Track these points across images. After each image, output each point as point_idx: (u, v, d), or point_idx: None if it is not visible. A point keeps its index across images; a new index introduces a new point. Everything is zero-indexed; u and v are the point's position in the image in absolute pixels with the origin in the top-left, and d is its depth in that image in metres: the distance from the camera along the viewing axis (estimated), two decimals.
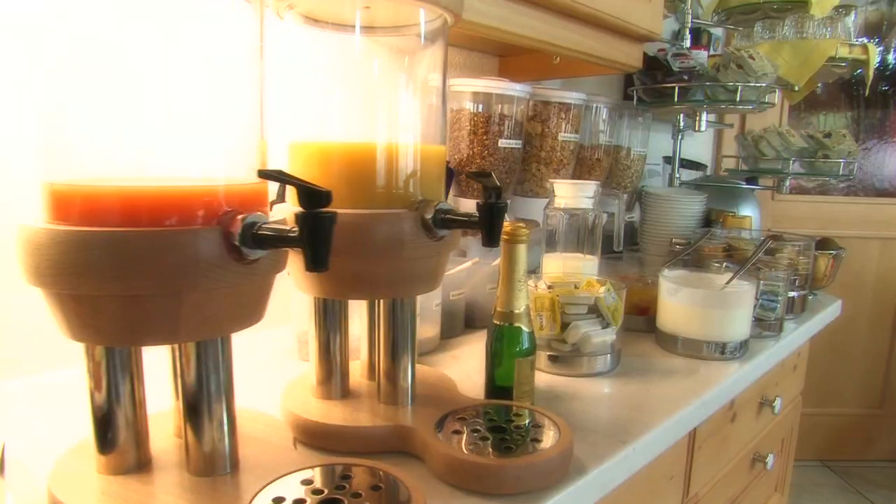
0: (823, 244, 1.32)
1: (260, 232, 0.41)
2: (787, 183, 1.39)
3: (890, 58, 2.25)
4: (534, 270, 1.02)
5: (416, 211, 0.55)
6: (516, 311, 0.65)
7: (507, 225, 0.66)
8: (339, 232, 0.56)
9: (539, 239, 0.96)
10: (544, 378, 0.78)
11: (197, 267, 0.41)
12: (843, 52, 1.25)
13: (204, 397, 0.47)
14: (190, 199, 0.42)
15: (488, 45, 1.17)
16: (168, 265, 0.40)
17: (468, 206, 1.08)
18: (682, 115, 1.46)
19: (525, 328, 0.65)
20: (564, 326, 0.78)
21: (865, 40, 1.26)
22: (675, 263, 1.06)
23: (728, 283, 0.89)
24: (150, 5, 0.42)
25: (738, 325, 0.88)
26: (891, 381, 2.39)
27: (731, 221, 1.32)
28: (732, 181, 1.60)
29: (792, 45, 1.25)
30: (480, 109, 1.04)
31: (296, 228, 0.39)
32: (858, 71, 1.36)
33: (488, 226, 0.52)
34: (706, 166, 1.72)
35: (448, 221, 0.55)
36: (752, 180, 1.59)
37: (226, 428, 0.49)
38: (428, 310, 0.87)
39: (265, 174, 0.39)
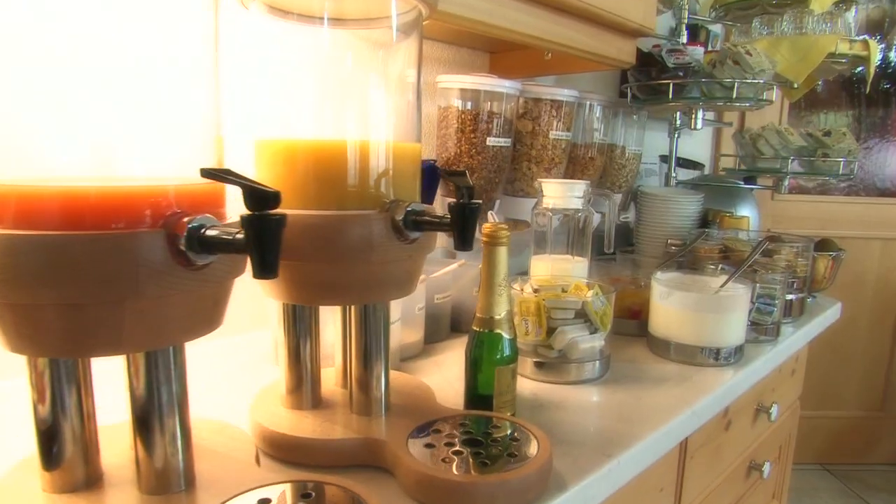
0: (823, 245, 1.29)
1: (206, 235, 0.38)
2: (786, 182, 1.35)
3: (892, 55, 2.21)
4: (525, 273, 0.99)
5: (386, 212, 0.52)
6: (496, 317, 0.62)
7: (487, 226, 0.63)
8: (305, 235, 0.53)
9: (529, 240, 0.94)
10: (530, 385, 0.75)
11: (139, 273, 0.38)
12: (844, 48, 1.22)
13: (155, 410, 0.44)
14: (134, 200, 0.39)
15: (478, 40, 1.14)
16: (108, 272, 0.37)
17: None
18: (678, 113, 1.43)
19: (506, 335, 0.62)
20: (551, 332, 0.75)
21: (867, 37, 1.23)
22: (669, 265, 1.02)
23: (722, 286, 0.86)
24: None
25: (733, 329, 0.85)
26: (892, 384, 2.35)
27: (728, 222, 1.29)
28: (731, 181, 1.57)
29: (791, 40, 1.21)
30: (468, 107, 1.01)
31: (242, 232, 0.36)
32: (860, 69, 1.32)
33: (460, 227, 0.49)
34: (703, 165, 1.69)
35: (419, 223, 0.51)
36: (750, 180, 1.56)
37: (179, 442, 0.46)
38: (410, 314, 0.84)
39: (208, 173, 0.36)
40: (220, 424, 0.57)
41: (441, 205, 1.08)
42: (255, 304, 0.88)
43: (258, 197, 0.35)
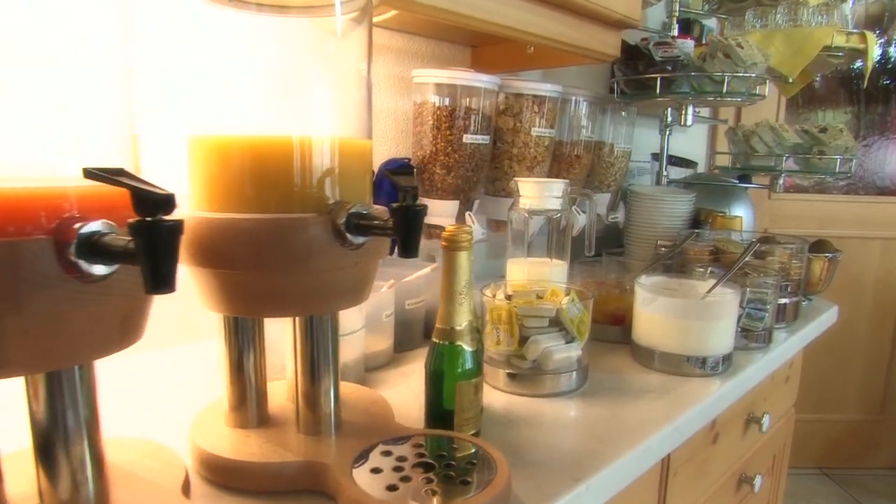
0: (818, 246, 1.24)
1: (99, 243, 0.34)
2: (781, 181, 1.31)
3: (892, 51, 2.16)
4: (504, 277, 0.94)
5: (327, 215, 0.48)
6: (457, 328, 0.57)
7: (449, 229, 0.58)
8: (239, 241, 0.48)
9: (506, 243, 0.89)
10: (502, 399, 0.70)
11: (19, 286, 0.33)
12: (840, 40, 1.17)
13: (59, 436, 0.40)
14: (25, 203, 0.35)
15: (457, 34, 1.10)
16: None
17: (438, 209, 1.00)
18: (669, 110, 1.38)
19: (467, 347, 0.57)
20: (524, 341, 0.71)
21: (864, 30, 1.18)
22: (656, 268, 0.98)
23: (709, 291, 0.81)
24: None
25: (721, 337, 0.80)
26: (892, 386, 2.30)
27: (721, 222, 1.24)
28: (725, 179, 1.52)
29: (785, 33, 1.16)
30: (444, 102, 0.96)
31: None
32: (858, 65, 1.27)
33: (403, 233, 0.44)
34: (696, 163, 1.64)
35: (362, 227, 0.47)
36: (745, 178, 1.51)
37: (90, 470, 0.41)
38: (377, 321, 0.79)
39: (91, 173, 0.32)
40: (154, 447, 0.52)
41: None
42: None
43: (146, 201, 0.30)
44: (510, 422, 0.64)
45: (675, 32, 1.31)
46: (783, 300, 1.04)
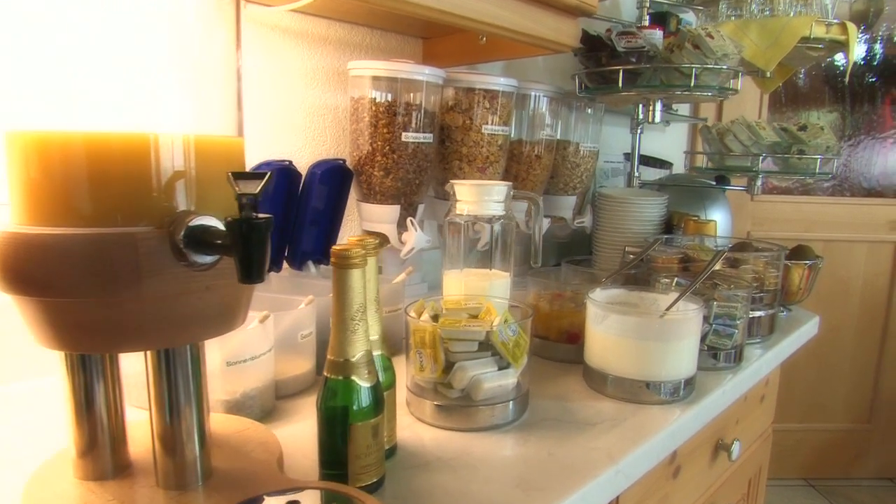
0: (798, 253, 1.15)
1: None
2: (760, 182, 1.22)
3: (877, 47, 2.08)
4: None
5: (164, 229, 0.38)
6: (351, 360, 0.48)
7: (350, 240, 0.49)
8: (49, 261, 0.39)
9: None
10: (428, 434, 0.61)
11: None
12: (819, 31, 1.09)
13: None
14: None
15: (402, 23, 1.00)
16: None
17: (377, 214, 0.91)
18: (640, 106, 1.29)
19: (363, 382, 0.48)
20: (451, 367, 0.61)
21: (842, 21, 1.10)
22: (616, 280, 0.89)
23: (668, 308, 0.72)
24: None
25: (682, 360, 0.71)
26: (880, 394, 2.23)
27: (693, 227, 1.16)
28: (702, 180, 1.44)
29: (760, 23, 1.08)
30: (383, 97, 0.87)
31: None
32: (840, 62, 1.19)
33: (240, 252, 0.35)
34: (671, 164, 1.55)
35: (203, 244, 0.37)
36: (723, 179, 1.43)
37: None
38: (291, 341, 0.70)
39: None
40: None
41: (363, 213, 0.94)
42: None
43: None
44: (426, 464, 0.55)
45: (647, 24, 1.23)
46: (758, 312, 0.95)
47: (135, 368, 0.58)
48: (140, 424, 0.51)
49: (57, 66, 0.42)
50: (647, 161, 1.51)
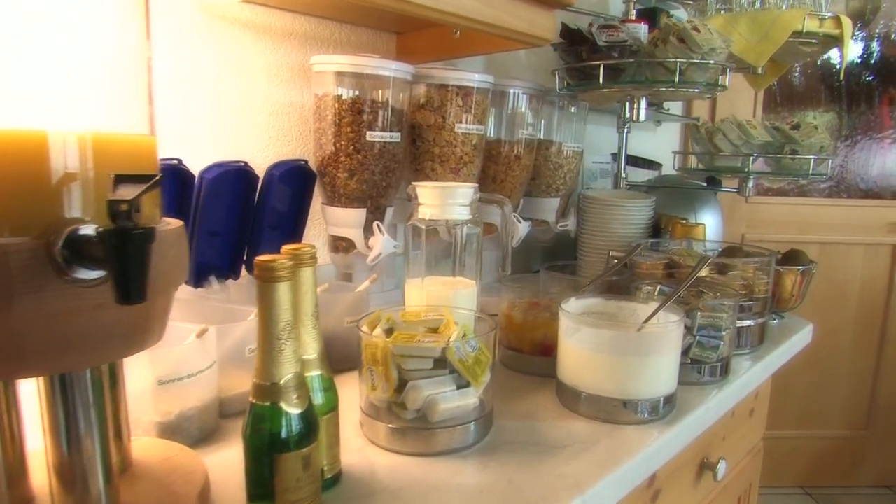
0: (791, 257, 1.10)
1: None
2: (751, 184, 1.17)
3: (874, 45, 2.03)
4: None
5: (42, 240, 0.33)
6: (279, 383, 0.43)
7: (288, 249, 0.44)
8: None
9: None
10: (381, 460, 0.56)
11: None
12: (812, 25, 1.04)
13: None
14: None
15: (371, 16, 0.95)
16: None
17: (343, 218, 0.86)
18: (627, 104, 1.25)
19: (291, 408, 0.43)
20: (404, 386, 0.56)
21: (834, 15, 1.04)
22: (598, 287, 0.84)
23: (647, 320, 0.67)
24: None
25: (661, 376, 0.66)
26: (877, 400, 2.18)
27: (681, 230, 1.11)
28: (693, 182, 1.39)
29: (750, 17, 1.03)
30: (347, 94, 0.82)
31: None
32: (836, 61, 1.14)
33: (116, 267, 0.29)
34: (660, 164, 1.50)
35: (80, 257, 0.32)
36: (714, 181, 1.38)
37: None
38: (237, 356, 0.64)
39: None
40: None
41: (328, 217, 0.89)
42: None
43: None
44: (371, 494, 0.50)
45: (634, 18, 1.18)
46: (747, 322, 0.90)
47: None
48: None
49: None
50: (636, 162, 1.46)
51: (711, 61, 0.92)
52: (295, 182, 0.84)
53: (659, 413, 0.66)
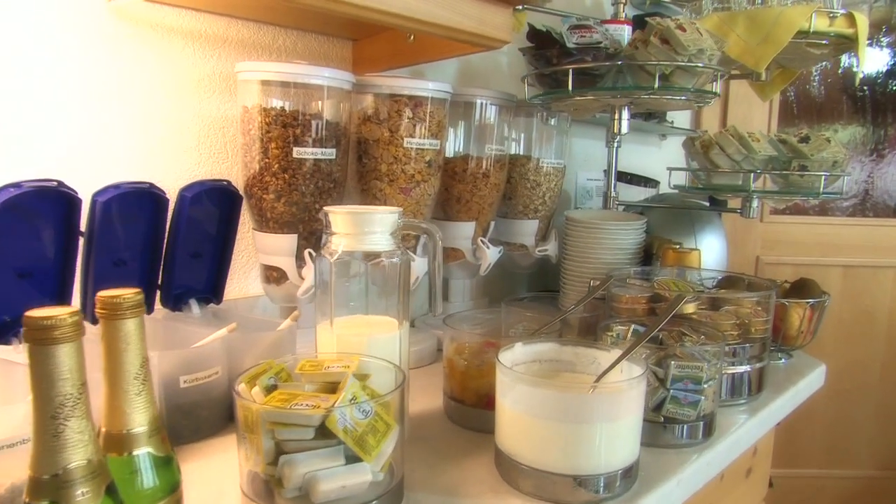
0: (800, 289, 0.97)
1: None
2: (755, 204, 1.04)
3: None
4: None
5: None
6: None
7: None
8: None
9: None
10: None
11: None
12: (822, 24, 0.91)
13: None
14: None
15: (323, 22, 0.86)
16: None
17: (271, 245, 0.77)
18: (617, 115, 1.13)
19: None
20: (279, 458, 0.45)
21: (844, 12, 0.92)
22: (555, 327, 0.72)
23: (599, 379, 0.55)
24: None
25: (619, 445, 0.54)
26: None
27: (673, 257, 0.98)
28: (695, 201, 1.26)
29: (748, 15, 0.91)
30: (273, 105, 0.72)
31: None
32: (855, 66, 1.01)
33: None
34: (657, 182, 1.38)
35: None
36: (718, 200, 1.25)
37: None
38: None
39: None
40: None
41: (259, 243, 0.80)
42: None
43: None
44: None
45: (624, 19, 1.06)
46: (741, 368, 0.77)
47: None
48: None
49: None
50: (631, 179, 1.34)
51: (700, 64, 0.80)
52: (216, 205, 0.74)
53: (614, 490, 0.54)
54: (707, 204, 1.27)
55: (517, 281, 1.25)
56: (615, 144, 1.16)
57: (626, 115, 0.88)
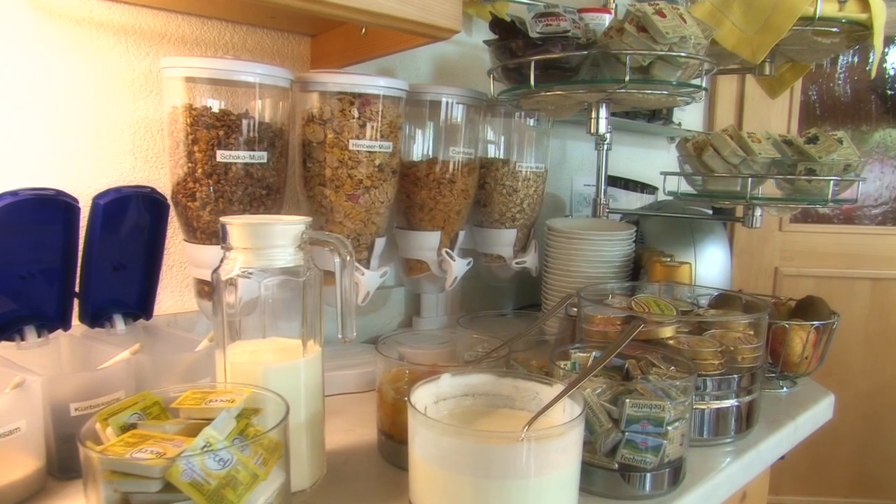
0: (805, 308, 0.86)
1: None
2: (758, 213, 0.93)
3: None
4: None
5: None
6: None
7: None
8: None
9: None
10: None
11: None
12: (830, 9, 0.80)
13: None
14: None
15: (268, 16, 0.80)
16: None
17: (200, 258, 0.70)
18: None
19: None
20: None
21: None
22: (524, 347, 0.63)
23: (532, 420, 0.46)
24: None
25: (552, 502, 0.45)
26: None
27: (661, 271, 0.88)
28: (697, 209, 1.15)
29: (744, 0, 0.81)
30: (202, 104, 0.66)
31: None
32: (872, 60, 0.91)
33: None
34: (655, 188, 1.27)
35: None
36: (722, 209, 1.14)
37: None
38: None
39: None
40: None
41: (191, 255, 0.73)
42: None
43: None
44: None
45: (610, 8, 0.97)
46: (726, 402, 0.67)
47: None
48: None
49: None
50: (627, 184, 1.24)
51: (682, 53, 0.71)
52: (139, 213, 0.68)
53: None
54: (709, 212, 1.17)
55: (501, 294, 1.17)
56: (604, 147, 1.07)
57: (603, 113, 0.79)
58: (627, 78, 0.68)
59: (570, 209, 1.34)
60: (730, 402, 0.67)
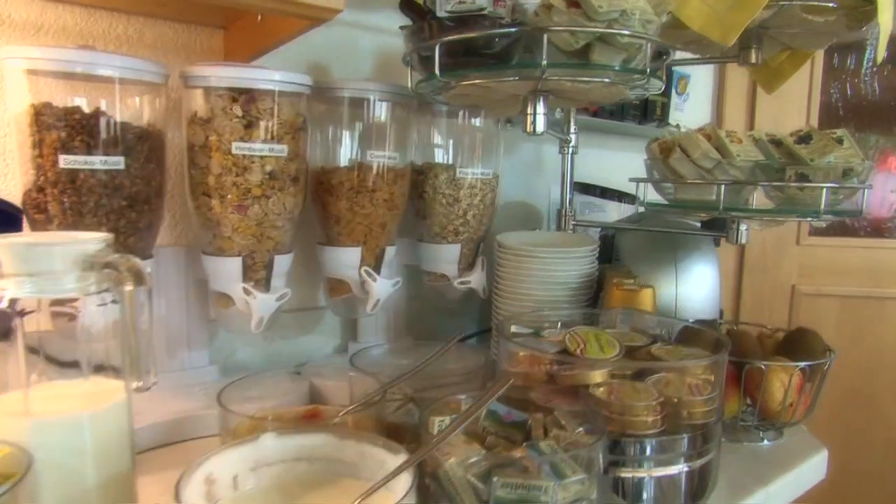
0: (793, 343, 0.71)
1: None
2: (744, 227, 0.79)
3: None
4: None
5: None
6: None
7: None
8: None
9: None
10: None
11: None
12: None
13: None
14: None
15: (191, 8, 0.71)
16: None
17: None
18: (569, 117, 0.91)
19: None
20: None
21: None
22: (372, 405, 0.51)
23: (360, 499, 0.34)
24: None
25: None
26: None
27: (619, 296, 0.75)
28: (684, 221, 1.01)
29: None
30: (45, 101, 0.57)
31: None
32: (876, 42, 0.77)
33: None
34: (635, 197, 1.13)
35: None
36: (712, 221, 1.00)
37: None
38: None
39: None
40: None
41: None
42: None
43: None
44: None
45: None
46: (674, 468, 0.53)
47: None
48: None
49: None
50: (603, 193, 1.11)
51: (625, 31, 0.58)
52: None
53: None
54: (697, 225, 1.02)
55: (455, 317, 1.03)
56: (568, 150, 0.95)
57: (541, 108, 0.67)
58: (545, 62, 0.56)
59: (547, 222, 1.21)
60: (676, 469, 0.53)
